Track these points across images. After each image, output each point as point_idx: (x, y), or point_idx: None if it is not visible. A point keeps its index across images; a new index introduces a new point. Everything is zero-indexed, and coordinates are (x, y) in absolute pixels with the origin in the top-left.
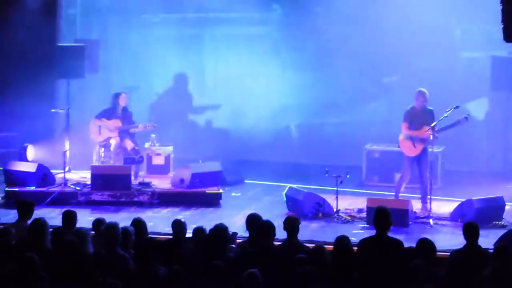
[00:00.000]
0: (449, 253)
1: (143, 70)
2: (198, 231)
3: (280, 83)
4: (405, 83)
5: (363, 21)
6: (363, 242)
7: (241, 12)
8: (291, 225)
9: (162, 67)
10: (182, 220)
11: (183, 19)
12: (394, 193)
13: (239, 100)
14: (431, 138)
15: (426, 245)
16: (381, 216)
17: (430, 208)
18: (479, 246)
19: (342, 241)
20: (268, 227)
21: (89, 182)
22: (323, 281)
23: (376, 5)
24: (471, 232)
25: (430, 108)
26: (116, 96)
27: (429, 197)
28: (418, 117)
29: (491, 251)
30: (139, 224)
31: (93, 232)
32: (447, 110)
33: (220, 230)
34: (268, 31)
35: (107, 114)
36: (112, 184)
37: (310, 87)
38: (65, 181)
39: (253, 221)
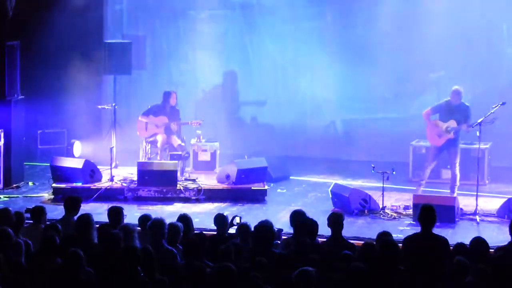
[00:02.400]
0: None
1: (189, 67)
2: (243, 227)
3: (325, 78)
4: (452, 78)
5: (408, 17)
6: (408, 239)
7: (287, 7)
8: (335, 221)
9: (208, 64)
10: (225, 214)
11: (229, 15)
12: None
13: (284, 95)
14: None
15: (479, 244)
16: (426, 213)
17: (477, 205)
18: None
19: (382, 237)
20: (311, 225)
21: (135, 178)
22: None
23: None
24: None
25: (467, 104)
26: (167, 94)
27: (475, 193)
28: (451, 112)
29: None
30: (185, 220)
31: (139, 228)
32: (494, 106)
33: (266, 226)
34: (313, 26)
35: (155, 111)
36: (158, 180)
37: (356, 83)
38: (112, 177)
39: (297, 217)
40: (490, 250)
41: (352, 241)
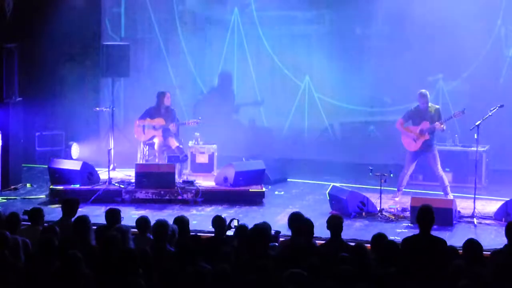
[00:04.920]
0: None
1: (187, 69)
2: (241, 229)
3: (323, 82)
4: (450, 81)
5: (406, 20)
6: (406, 241)
7: (283, 10)
8: (335, 224)
9: (207, 66)
10: (223, 216)
11: (226, 17)
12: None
13: (282, 98)
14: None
15: (472, 246)
16: (424, 215)
17: (474, 207)
18: None
19: (378, 239)
20: (308, 225)
21: (133, 180)
22: (365, 280)
23: (420, 3)
24: None
25: (437, 106)
26: (161, 95)
27: (473, 196)
28: (422, 115)
29: None
30: (181, 222)
31: (135, 230)
32: (492, 109)
33: (263, 228)
34: (311, 29)
35: (150, 113)
36: (156, 182)
37: (354, 86)
38: (109, 179)
39: (295, 219)
40: (486, 252)
41: (350, 243)
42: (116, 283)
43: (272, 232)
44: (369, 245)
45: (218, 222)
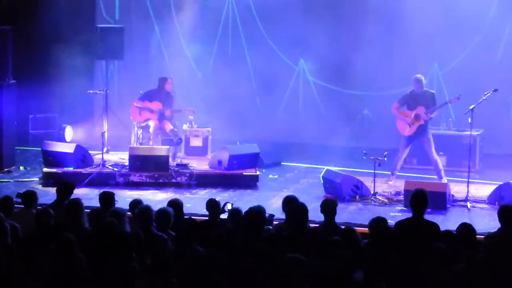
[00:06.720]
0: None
1: (182, 53)
2: (235, 212)
3: (316, 61)
4: (445, 66)
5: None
6: (399, 224)
7: None
8: (328, 207)
9: (201, 50)
10: (217, 199)
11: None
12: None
13: (276, 81)
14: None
15: (466, 230)
16: (417, 199)
17: (468, 191)
18: None
19: (377, 223)
20: (301, 210)
21: (127, 163)
22: (356, 264)
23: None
24: (504, 215)
25: (432, 91)
26: (163, 80)
27: (466, 180)
28: (417, 100)
29: None
30: (176, 205)
31: (129, 213)
32: (486, 93)
33: (257, 211)
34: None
35: (150, 96)
36: (150, 165)
37: (348, 69)
38: (103, 162)
39: (289, 203)
40: (480, 236)
41: (343, 227)
42: (110, 266)
43: (266, 215)
44: (365, 228)
45: (212, 205)
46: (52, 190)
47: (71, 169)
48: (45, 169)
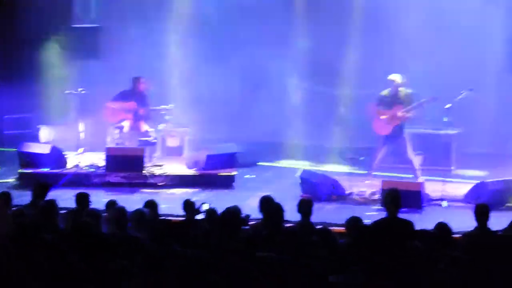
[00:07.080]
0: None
1: (160, 52)
2: (211, 212)
3: (294, 63)
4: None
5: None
6: (376, 224)
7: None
8: (304, 207)
9: (180, 49)
10: (193, 200)
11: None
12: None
13: (253, 81)
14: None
15: (442, 229)
16: (390, 198)
17: (443, 190)
18: (489, 228)
19: (354, 223)
20: (277, 210)
21: (103, 164)
22: (332, 262)
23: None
24: (480, 214)
25: (409, 91)
26: (135, 79)
27: (442, 178)
28: (393, 100)
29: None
30: (152, 205)
31: (105, 214)
32: (461, 92)
33: (233, 211)
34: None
35: (124, 96)
36: (126, 166)
37: (325, 68)
38: (79, 163)
39: (265, 203)
40: (456, 235)
41: (319, 227)
42: (89, 266)
43: (242, 215)
44: (341, 228)
45: (188, 205)
46: (28, 191)
47: (47, 170)
48: (20, 170)
